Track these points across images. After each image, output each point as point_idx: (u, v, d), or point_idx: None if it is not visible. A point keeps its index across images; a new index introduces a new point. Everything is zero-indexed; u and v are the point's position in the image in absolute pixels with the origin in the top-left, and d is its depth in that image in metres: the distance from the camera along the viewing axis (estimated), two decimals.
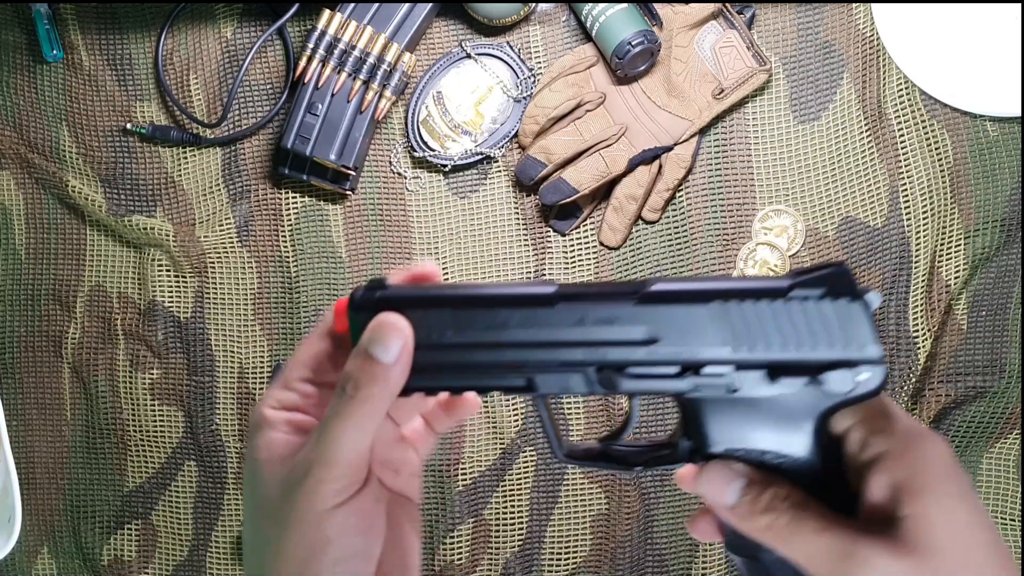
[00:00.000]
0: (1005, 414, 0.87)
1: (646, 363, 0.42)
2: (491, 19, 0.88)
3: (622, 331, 0.42)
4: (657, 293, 0.42)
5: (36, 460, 0.93)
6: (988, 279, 0.87)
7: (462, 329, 0.43)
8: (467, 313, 0.43)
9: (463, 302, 0.43)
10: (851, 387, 0.40)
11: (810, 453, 0.42)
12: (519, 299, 0.43)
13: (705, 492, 0.42)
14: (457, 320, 0.43)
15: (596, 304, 0.42)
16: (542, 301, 0.43)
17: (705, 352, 0.42)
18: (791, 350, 0.41)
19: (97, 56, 0.92)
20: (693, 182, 0.89)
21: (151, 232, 0.90)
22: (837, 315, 0.41)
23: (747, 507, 0.41)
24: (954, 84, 0.86)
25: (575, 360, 0.43)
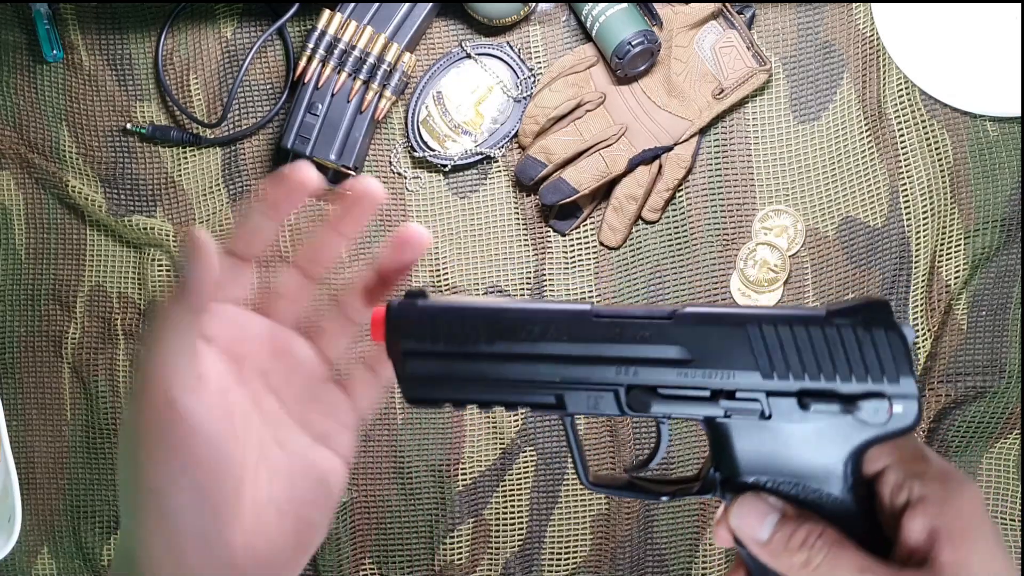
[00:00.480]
0: (1005, 414, 0.87)
1: (679, 385, 0.42)
2: (491, 19, 0.88)
3: (656, 350, 0.42)
4: (693, 314, 0.42)
5: (36, 460, 0.93)
6: (988, 279, 0.87)
7: (495, 340, 0.43)
8: (501, 325, 0.43)
9: (498, 314, 0.43)
10: (886, 418, 0.40)
11: (843, 490, 0.41)
12: (555, 313, 0.43)
13: (738, 526, 0.42)
14: (491, 331, 0.43)
15: (632, 321, 0.42)
16: (578, 315, 0.43)
17: (738, 375, 0.41)
18: (825, 378, 0.41)
19: (97, 56, 0.92)
20: (693, 182, 0.89)
21: (151, 232, 0.90)
22: (873, 345, 0.40)
23: (780, 543, 0.40)
24: (954, 84, 0.86)
25: (607, 379, 0.43)
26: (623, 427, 0.89)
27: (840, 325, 0.41)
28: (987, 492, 0.87)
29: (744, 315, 0.42)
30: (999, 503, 0.87)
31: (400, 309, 0.44)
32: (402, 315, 0.44)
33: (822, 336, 0.41)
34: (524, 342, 0.43)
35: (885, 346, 0.40)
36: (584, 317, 0.43)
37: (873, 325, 0.40)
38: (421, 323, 0.44)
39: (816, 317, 0.41)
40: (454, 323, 0.43)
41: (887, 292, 0.88)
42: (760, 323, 0.41)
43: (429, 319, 0.44)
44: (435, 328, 0.43)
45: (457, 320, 0.43)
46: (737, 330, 0.41)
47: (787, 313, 0.41)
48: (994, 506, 0.87)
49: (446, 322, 0.43)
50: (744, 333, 0.41)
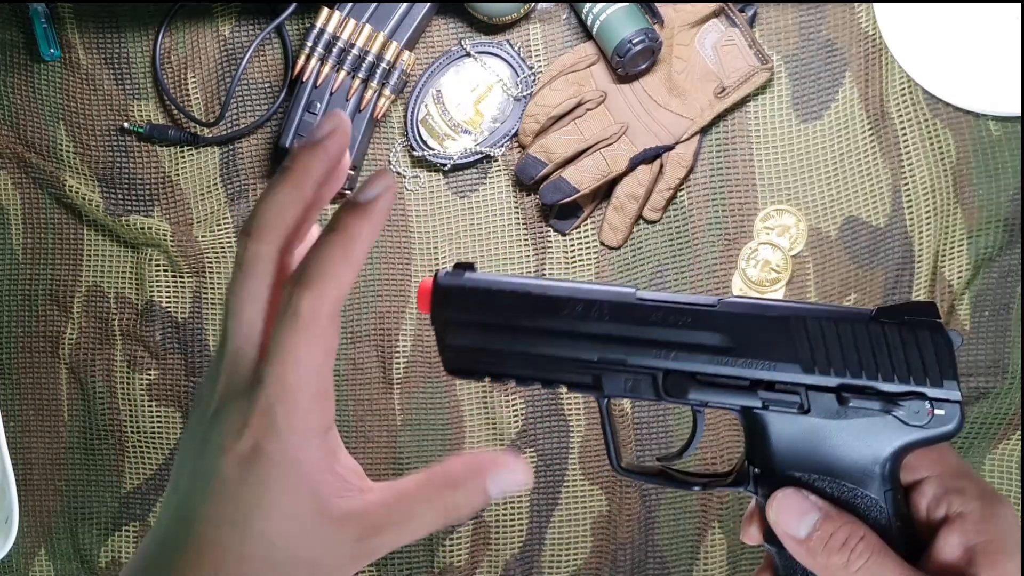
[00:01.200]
0: (1008, 415, 0.86)
1: (717, 374, 0.42)
2: (491, 17, 0.88)
3: (697, 336, 0.42)
4: (737, 303, 0.42)
5: (33, 461, 0.92)
6: (991, 279, 0.87)
7: (537, 316, 0.43)
8: (544, 301, 0.43)
9: (542, 291, 0.44)
10: (926, 420, 0.40)
11: (878, 491, 0.41)
12: (599, 293, 0.44)
13: (776, 520, 0.41)
14: (534, 306, 0.43)
15: (674, 305, 0.43)
16: (622, 296, 0.43)
17: (778, 367, 0.41)
18: (866, 376, 0.40)
19: (94, 55, 0.91)
20: (694, 181, 0.89)
21: (148, 232, 0.90)
22: (917, 347, 0.40)
23: (820, 542, 0.40)
24: (957, 83, 0.86)
25: (646, 362, 0.43)
26: (626, 427, 0.88)
27: (885, 323, 0.40)
28: None
29: (789, 308, 0.42)
30: None
31: (447, 279, 0.45)
32: (449, 285, 0.44)
33: (866, 333, 0.40)
34: (566, 319, 0.43)
35: (929, 348, 0.40)
36: (627, 299, 0.43)
37: (918, 327, 0.40)
38: (467, 294, 0.44)
39: (862, 315, 0.41)
40: (499, 296, 0.44)
41: (890, 292, 0.87)
42: (805, 317, 0.41)
43: (475, 291, 0.44)
44: (480, 300, 0.44)
45: (502, 294, 0.44)
46: (781, 322, 0.41)
47: (833, 309, 0.41)
48: None
49: (491, 295, 0.44)
50: (787, 325, 0.41)
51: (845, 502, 0.41)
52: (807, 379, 0.41)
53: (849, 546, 0.39)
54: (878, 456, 0.41)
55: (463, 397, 0.90)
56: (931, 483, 0.41)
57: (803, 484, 0.41)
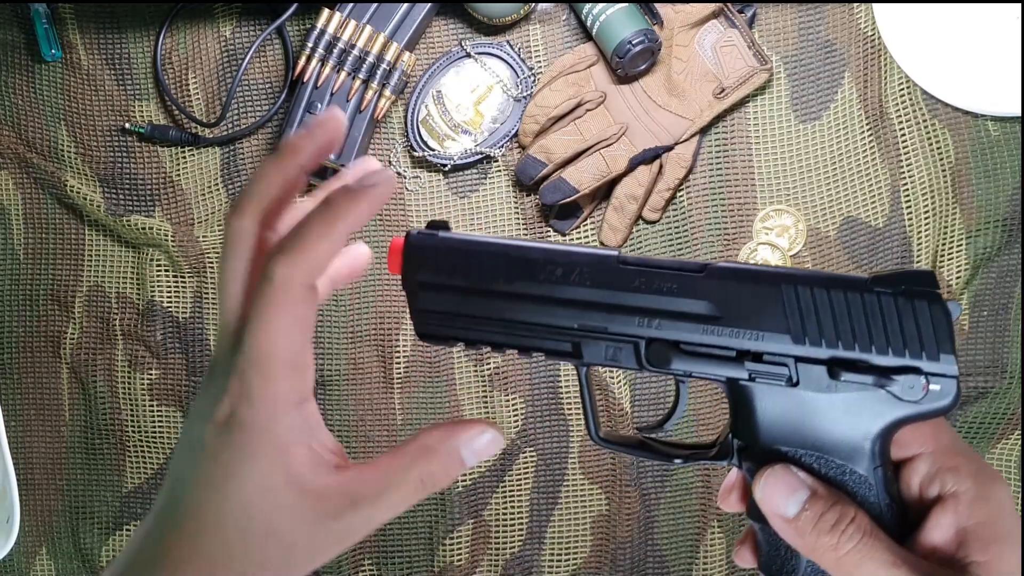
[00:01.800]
0: (1007, 415, 0.86)
1: (702, 343, 0.40)
2: (491, 18, 0.88)
3: (682, 303, 0.40)
4: (725, 269, 0.40)
5: (34, 461, 0.92)
6: (990, 279, 0.87)
7: (515, 279, 0.41)
8: (522, 263, 0.41)
9: (520, 252, 0.41)
10: (920, 396, 0.38)
11: (868, 469, 0.39)
12: (579, 256, 0.41)
13: (763, 498, 0.39)
14: (511, 268, 0.41)
15: (659, 271, 0.40)
16: (603, 260, 0.41)
17: (767, 337, 0.39)
18: (859, 348, 0.38)
19: (96, 55, 0.92)
20: (694, 182, 0.89)
21: (150, 232, 0.90)
22: (914, 317, 0.38)
23: (809, 522, 0.38)
24: (955, 83, 0.86)
25: (628, 330, 0.40)
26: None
27: (881, 293, 0.38)
28: None
29: (781, 274, 0.39)
30: None
31: (420, 239, 0.42)
32: (421, 245, 0.42)
33: (860, 303, 0.38)
34: (544, 283, 0.41)
35: (927, 319, 0.38)
36: (609, 262, 0.41)
37: (916, 296, 0.38)
38: (440, 255, 0.42)
39: (858, 282, 0.39)
40: (474, 257, 0.41)
41: None
42: (796, 283, 0.39)
43: (449, 251, 0.42)
44: (454, 261, 0.42)
45: (477, 254, 0.42)
46: (771, 289, 0.39)
47: (828, 275, 0.39)
48: None
49: (466, 256, 0.42)
50: (778, 293, 0.39)
51: (833, 479, 0.39)
52: (797, 350, 0.39)
53: (839, 527, 0.38)
54: (868, 432, 0.39)
55: (463, 397, 0.90)
56: (924, 460, 0.40)
57: (789, 459, 0.39)
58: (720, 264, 0.40)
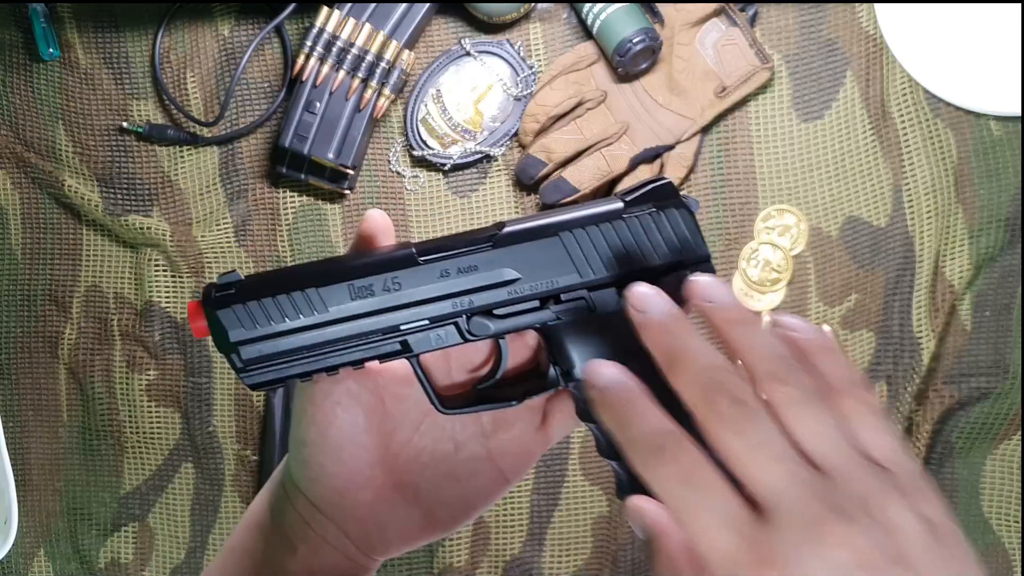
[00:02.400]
0: (1009, 415, 0.86)
1: (511, 302, 0.45)
2: (491, 17, 0.88)
3: (485, 276, 0.44)
4: (509, 235, 0.45)
5: (32, 462, 0.92)
6: (992, 279, 0.87)
7: (332, 305, 0.43)
8: (331, 288, 0.43)
9: (325, 278, 0.43)
10: None
11: None
12: (381, 264, 0.44)
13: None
14: (322, 297, 0.43)
15: (457, 256, 0.44)
16: (405, 262, 0.44)
17: (561, 280, 0.45)
18: (633, 263, 0.45)
19: (94, 54, 0.91)
20: (695, 181, 0.88)
21: (148, 232, 0.90)
22: (668, 224, 0.45)
23: None
24: (958, 82, 0.86)
25: (445, 313, 0.44)
26: None
27: (636, 214, 0.45)
28: (991, 494, 0.86)
29: (554, 224, 0.45)
30: (1003, 505, 0.86)
31: (219, 300, 0.43)
32: (223, 305, 0.43)
33: (625, 227, 0.45)
34: (356, 300, 0.43)
35: (678, 223, 0.45)
36: (410, 262, 0.44)
37: (665, 206, 0.45)
38: (247, 308, 0.43)
39: (615, 212, 0.45)
40: (282, 298, 0.43)
41: (891, 292, 0.87)
42: (570, 228, 0.45)
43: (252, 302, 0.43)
44: (263, 309, 0.43)
45: (282, 295, 0.43)
46: (552, 240, 0.45)
47: (589, 214, 0.45)
48: (998, 508, 0.86)
49: (274, 299, 0.43)
50: (558, 241, 0.45)
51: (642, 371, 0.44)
52: (586, 283, 0.45)
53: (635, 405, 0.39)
54: None
55: None
56: None
57: None
58: (506, 231, 0.45)
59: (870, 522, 0.33)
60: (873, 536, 0.33)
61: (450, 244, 0.45)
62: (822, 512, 0.33)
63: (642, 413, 0.37)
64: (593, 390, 0.39)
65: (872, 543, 0.33)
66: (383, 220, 0.46)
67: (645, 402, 0.37)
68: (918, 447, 0.86)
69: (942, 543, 0.34)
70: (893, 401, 0.87)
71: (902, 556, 0.33)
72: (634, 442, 0.37)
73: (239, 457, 0.91)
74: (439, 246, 0.45)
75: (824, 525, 0.33)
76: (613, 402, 0.38)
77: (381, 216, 0.46)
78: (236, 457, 0.91)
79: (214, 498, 0.91)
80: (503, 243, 0.45)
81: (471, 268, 0.44)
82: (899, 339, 0.87)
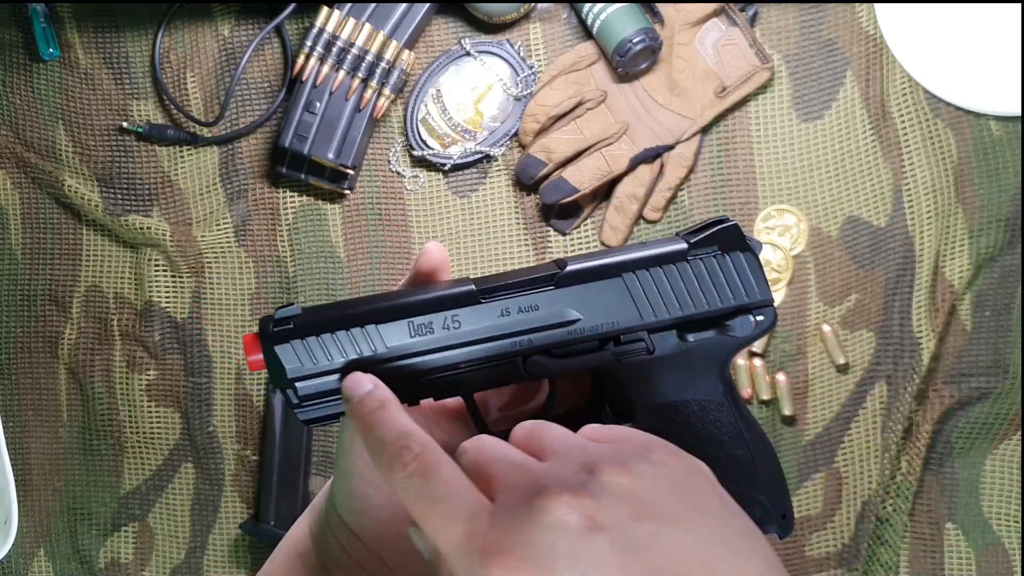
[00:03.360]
0: (1009, 415, 0.86)
1: (570, 342, 0.44)
2: (491, 16, 0.88)
3: (546, 316, 0.44)
4: (571, 274, 0.44)
5: (32, 462, 0.92)
6: (992, 279, 0.87)
7: (388, 341, 0.43)
8: (391, 325, 0.43)
9: (384, 314, 0.43)
10: (752, 330, 0.45)
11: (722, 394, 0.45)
12: (441, 302, 0.43)
13: None
14: (381, 334, 0.43)
15: (518, 295, 0.44)
16: (466, 300, 0.43)
17: (621, 322, 0.44)
18: (696, 306, 0.45)
19: (94, 54, 0.91)
20: (695, 181, 0.88)
21: (148, 232, 0.90)
22: (733, 268, 0.45)
23: None
24: (957, 82, 0.86)
25: (504, 352, 0.44)
26: None
27: (701, 256, 0.45)
28: (991, 494, 0.86)
29: (617, 264, 0.44)
30: (1003, 505, 0.86)
31: (277, 336, 0.42)
32: (281, 340, 0.42)
33: (688, 269, 0.45)
34: (415, 337, 0.43)
35: (742, 266, 0.45)
36: (471, 300, 0.44)
37: (729, 248, 0.45)
38: (304, 344, 0.42)
39: (679, 253, 0.45)
40: (340, 335, 0.42)
41: (891, 292, 0.87)
42: (633, 269, 0.44)
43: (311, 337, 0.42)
44: (320, 345, 0.42)
45: (342, 331, 0.42)
46: (614, 281, 0.44)
47: (653, 254, 0.45)
48: (998, 508, 0.86)
49: (331, 336, 0.42)
50: (620, 282, 0.44)
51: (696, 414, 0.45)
52: (647, 325, 0.44)
53: None
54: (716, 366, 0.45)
55: None
56: None
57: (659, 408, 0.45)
58: (567, 270, 0.44)
59: (600, 486, 0.33)
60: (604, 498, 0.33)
61: (510, 282, 0.44)
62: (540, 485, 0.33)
63: (386, 422, 0.38)
64: (348, 401, 0.40)
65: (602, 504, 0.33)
66: (441, 255, 0.46)
67: (392, 413, 0.39)
68: (918, 447, 0.86)
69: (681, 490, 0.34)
70: (893, 401, 0.87)
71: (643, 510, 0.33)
72: (375, 449, 0.38)
73: (239, 457, 0.91)
74: (499, 284, 0.44)
75: (545, 497, 0.33)
76: (362, 412, 0.39)
77: (439, 250, 0.46)
78: (236, 457, 0.91)
79: (214, 498, 0.91)
80: (565, 283, 0.44)
81: (532, 307, 0.44)
82: (899, 339, 0.87)
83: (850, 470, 0.87)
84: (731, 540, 0.34)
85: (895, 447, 0.86)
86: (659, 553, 0.32)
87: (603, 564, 0.31)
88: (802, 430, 0.87)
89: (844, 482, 0.87)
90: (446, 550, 0.34)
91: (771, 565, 0.34)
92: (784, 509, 0.45)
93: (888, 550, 0.86)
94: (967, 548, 0.86)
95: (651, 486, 0.34)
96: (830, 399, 0.87)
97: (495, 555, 0.32)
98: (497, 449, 0.36)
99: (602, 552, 0.31)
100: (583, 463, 0.35)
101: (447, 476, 0.35)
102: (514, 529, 0.32)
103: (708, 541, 0.33)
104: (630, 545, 0.32)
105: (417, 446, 0.37)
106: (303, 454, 0.89)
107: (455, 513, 0.34)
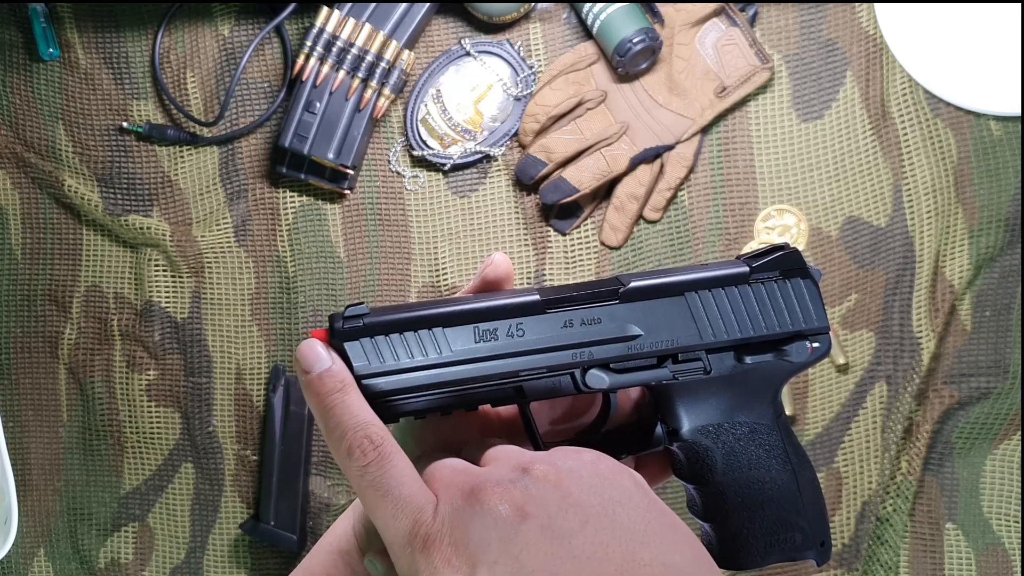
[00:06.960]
0: (1009, 415, 0.86)
1: (629, 357, 0.45)
2: (491, 16, 0.88)
3: (608, 330, 0.44)
4: (635, 290, 0.45)
5: (32, 462, 0.92)
6: (992, 279, 0.87)
7: (453, 345, 0.43)
8: (458, 329, 0.43)
9: (451, 318, 0.43)
10: (807, 356, 0.45)
11: (772, 418, 0.46)
12: (507, 310, 0.44)
13: None
14: (447, 337, 0.43)
15: (582, 307, 0.44)
16: (531, 309, 0.44)
17: (681, 340, 0.45)
18: (755, 329, 0.45)
19: (93, 54, 0.91)
20: (695, 181, 0.88)
21: (148, 232, 0.90)
22: (793, 293, 0.46)
23: None
24: (957, 82, 0.86)
25: (564, 363, 0.44)
26: None
27: (763, 280, 0.46)
28: (991, 494, 0.86)
29: (680, 283, 0.45)
30: (1003, 505, 0.86)
31: (347, 333, 0.42)
32: (350, 337, 0.42)
33: (750, 293, 0.45)
34: (480, 343, 0.43)
35: (801, 292, 0.46)
36: (536, 310, 0.44)
37: (790, 274, 0.46)
38: (372, 343, 0.43)
39: (741, 276, 0.46)
40: (408, 336, 0.43)
41: (891, 292, 0.87)
42: (696, 289, 0.45)
43: (379, 336, 0.43)
44: (388, 345, 0.43)
45: (410, 332, 0.43)
46: (676, 299, 0.45)
47: (716, 275, 0.45)
48: (998, 508, 0.86)
49: (399, 336, 0.43)
50: (683, 301, 0.45)
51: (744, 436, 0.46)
52: (706, 345, 0.45)
53: None
54: (770, 390, 0.46)
55: None
56: None
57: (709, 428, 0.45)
58: (630, 286, 0.45)
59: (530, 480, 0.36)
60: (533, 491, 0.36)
61: (574, 294, 0.45)
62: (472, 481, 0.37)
63: (347, 407, 0.39)
64: (304, 374, 0.40)
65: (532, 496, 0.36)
66: (507, 266, 0.46)
67: (352, 398, 0.39)
68: (918, 447, 0.86)
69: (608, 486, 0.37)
70: (893, 401, 0.87)
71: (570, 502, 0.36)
72: (333, 433, 0.39)
73: (239, 457, 0.91)
74: (563, 296, 0.45)
75: (480, 491, 0.36)
76: (321, 391, 0.39)
77: (505, 261, 0.46)
78: (236, 457, 0.91)
79: (214, 498, 0.91)
80: (629, 298, 0.45)
81: (595, 320, 0.44)
82: (899, 339, 0.87)
83: (850, 470, 0.87)
84: (654, 531, 0.36)
85: (895, 447, 0.86)
86: (584, 539, 0.35)
87: (533, 548, 0.35)
88: (802, 430, 0.87)
89: (844, 482, 0.87)
90: (391, 539, 0.37)
91: (697, 555, 0.37)
92: (824, 537, 0.45)
93: (888, 550, 0.86)
94: (967, 548, 0.86)
95: (578, 481, 0.37)
96: (830, 399, 0.87)
97: (435, 543, 0.35)
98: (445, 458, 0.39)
99: (532, 538, 0.35)
100: (516, 464, 0.38)
101: (401, 469, 0.37)
102: (452, 519, 0.36)
103: (630, 530, 0.36)
104: (557, 532, 0.35)
105: (377, 437, 0.38)
106: (303, 454, 0.89)
107: (405, 504, 0.37)
